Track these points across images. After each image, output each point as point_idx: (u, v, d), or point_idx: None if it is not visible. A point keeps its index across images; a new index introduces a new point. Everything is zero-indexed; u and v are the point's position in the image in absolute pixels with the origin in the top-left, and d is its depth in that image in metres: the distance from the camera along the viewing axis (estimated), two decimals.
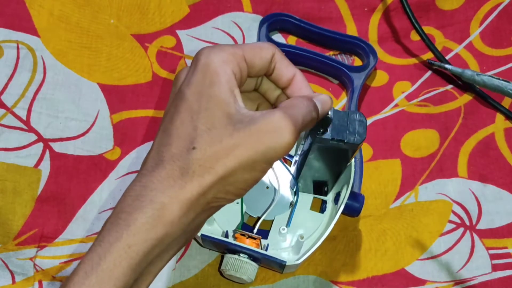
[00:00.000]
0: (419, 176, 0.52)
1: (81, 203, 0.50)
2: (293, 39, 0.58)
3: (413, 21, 0.55)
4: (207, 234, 0.44)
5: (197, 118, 0.32)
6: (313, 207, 0.49)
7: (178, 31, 0.58)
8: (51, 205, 0.50)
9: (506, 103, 0.55)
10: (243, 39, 0.58)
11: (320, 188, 0.48)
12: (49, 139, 0.52)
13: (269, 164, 0.33)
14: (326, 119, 0.37)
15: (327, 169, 0.44)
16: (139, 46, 0.57)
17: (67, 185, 0.51)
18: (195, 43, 0.57)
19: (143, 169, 0.33)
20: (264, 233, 0.48)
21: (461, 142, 0.54)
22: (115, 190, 0.51)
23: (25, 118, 0.53)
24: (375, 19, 0.59)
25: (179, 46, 0.57)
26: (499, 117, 0.55)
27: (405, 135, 0.54)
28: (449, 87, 0.56)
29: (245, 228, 0.47)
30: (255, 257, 0.44)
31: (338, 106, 0.55)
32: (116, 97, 0.54)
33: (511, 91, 0.43)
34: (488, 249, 0.49)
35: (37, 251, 0.48)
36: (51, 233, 0.49)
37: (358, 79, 0.54)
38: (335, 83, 0.57)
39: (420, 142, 0.54)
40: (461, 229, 0.50)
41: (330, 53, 0.58)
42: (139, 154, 0.52)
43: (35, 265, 0.48)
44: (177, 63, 0.56)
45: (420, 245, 0.49)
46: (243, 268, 0.44)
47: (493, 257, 0.49)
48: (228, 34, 0.58)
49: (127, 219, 0.31)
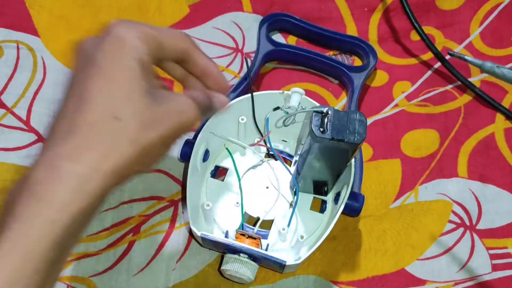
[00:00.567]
0: (419, 176, 0.52)
1: None
2: (293, 39, 0.58)
3: (413, 21, 0.55)
4: (207, 234, 0.44)
5: (114, 87, 0.32)
6: (313, 207, 0.49)
7: None
8: None
9: (506, 103, 0.55)
10: (243, 39, 0.58)
11: (320, 188, 0.48)
12: None
13: (177, 138, 0.35)
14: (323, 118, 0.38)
15: (327, 169, 0.44)
16: None
17: None
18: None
19: (53, 137, 0.32)
20: (264, 233, 0.48)
21: (461, 142, 0.54)
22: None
23: (25, 118, 0.53)
24: (375, 19, 0.59)
25: None
26: (499, 117, 0.55)
27: (405, 135, 0.54)
28: (449, 87, 0.56)
29: (245, 228, 0.48)
30: (255, 257, 0.44)
31: (338, 106, 0.55)
32: None
33: None
34: (488, 249, 0.49)
35: None
36: None
37: (358, 79, 0.54)
38: (335, 83, 0.57)
39: (420, 142, 0.54)
40: (461, 229, 0.50)
41: (330, 53, 0.58)
42: None
43: None
44: None
45: (420, 245, 0.50)
46: (243, 268, 0.44)
47: (493, 257, 0.49)
48: (228, 34, 0.58)
49: (46, 192, 0.29)
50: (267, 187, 0.50)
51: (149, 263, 0.48)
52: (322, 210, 0.49)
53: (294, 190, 0.49)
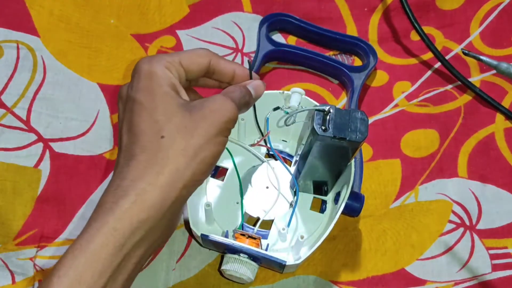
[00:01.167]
0: (419, 176, 0.52)
1: (81, 203, 0.50)
2: (293, 39, 0.58)
3: (413, 21, 0.55)
4: (207, 234, 0.44)
5: (155, 113, 0.36)
6: (313, 207, 0.49)
7: (178, 31, 0.58)
8: (51, 205, 0.50)
9: (506, 103, 0.55)
10: (243, 39, 0.58)
11: (320, 188, 0.48)
12: (49, 139, 0.52)
13: (225, 136, 0.38)
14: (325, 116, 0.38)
15: (327, 169, 0.44)
16: (139, 46, 0.57)
17: (67, 185, 0.51)
18: (195, 43, 0.57)
19: (117, 168, 0.37)
20: (264, 233, 0.48)
21: (461, 142, 0.54)
22: None
23: (25, 118, 0.53)
24: (375, 19, 0.59)
25: (179, 46, 0.57)
26: (499, 117, 0.55)
27: (405, 135, 0.54)
28: (449, 87, 0.56)
29: (245, 228, 0.48)
30: (255, 257, 0.44)
31: (338, 106, 0.55)
32: (116, 97, 0.54)
33: None
34: (488, 249, 0.49)
35: (37, 251, 0.48)
36: (51, 233, 0.49)
37: (358, 79, 0.54)
38: (335, 83, 0.57)
39: (420, 142, 0.54)
40: (461, 229, 0.50)
41: (330, 53, 0.58)
42: None
43: (35, 265, 0.48)
44: None
45: (420, 245, 0.50)
46: (243, 268, 0.44)
47: (493, 257, 0.49)
48: (228, 34, 0.58)
49: (112, 207, 0.34)
50: (267, 187, 0.50)
51: (149, 263, 0.48)
52: (322, 210, 0.49)
53: (294, 190, 0.49)
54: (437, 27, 0.59)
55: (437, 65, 0.57)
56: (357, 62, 0.57)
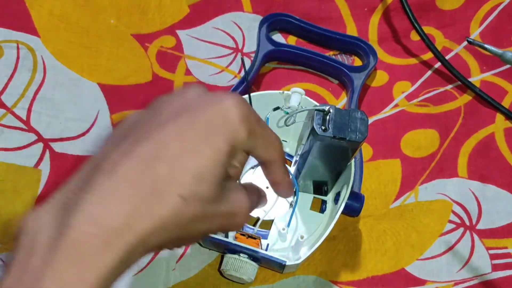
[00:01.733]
0: (419, 176, 0.52)
1: None
2: (293, 39, 0.58)
3: (413, 21, 0.55)
4: None
5: (194, 160, 0.29)
6: (313, 207, 0.49)
7: (178, 31, 0.58)
8: None
9: (506, 103, 0.55)
10: (243, 39, 0.58)
11: (320, 188, 0.48)
12: (49, 139, 0.52)
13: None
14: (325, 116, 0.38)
15: (327, 169, 0.44)
16: (139, 46, 0.57)
17: None
18: (195, 43, 0.57)
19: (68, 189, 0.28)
20: (264, 233, 0.48)
21: (461, 142, 0.54)
22: None
23: (25, 118, 0.53)
24: (375, 19, 0.59)
25: (179, 46, 0.57)
26: (499, 117, 0.55)
27: (405, 135, 0.54)
28: (449, 87, 0.56)
29: (245, 228, 0.48)
30: (255, 257, 0.44)
31: (338, 106, 0.55)
32: (116, 97, 0.54)
33: None
34: (488, 249, 0.49)
35: None
36: None
37: (358, 79, 0.54)
38: (335, 83, 0.57)
39: (420, 142, 0.54)
40: (461, 229, 0.50)
41: (330, 53, 0.58)
42: None
43: None
44: (177, 63, 0.56)
45: (420, 245, 0.49)
46: (243, 268, 0.44)
47: (493, 257, 0.49)
48: (228, 34, 0.58)
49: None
50: (267, 187, 0.49)
51: (149, 263, 0.48)
52: (322, 210, 0.49)
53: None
54: (437, 27, 0.59)
55: (437, 65, 0.57)
56: (357, 62, 0.57)
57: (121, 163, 0.28)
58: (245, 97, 0.48)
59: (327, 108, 0.38)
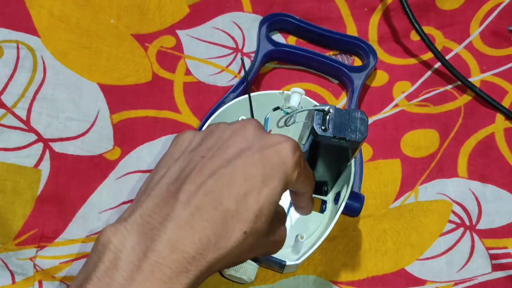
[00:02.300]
0: (419, 176, 0.52)
1: (81, 203, 0.50)
2: (293, 39, 0.58)
3: (413, 21, 0.55)
4: None
5: (256, 199, 0.33)
6: None
7: (178, 31, 0.58)
8: (51, 205, 0.50)
9: (506, 103, 0.55)
10: (243, 39, 0.58)
11: (320, 188, 0.48)
12: (49, 139, 0.52)
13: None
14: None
15: (327, 169, 0.44)
16: (139, 46, 0.57)
17: (67, 185, 0.51)
18: (195, 43, 0.57)
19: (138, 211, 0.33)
20: None
21: (461, 142, 0.54)
22: (115, 190, 0.51)
23: (25, 118, 0.53)
24: (375, 19, 0.59)
25: (179, 46, 0.57)
26: (499, 117, 0.55)
27: (405, 135, 0.54)
28: (449, 87, 0.56)
29: None
30: (255, 257, 0.44)
31: (338, 106, 0.55)
32: (116, 97, 0.54)
33: None
34: (488, 249, 0.49)
35: (37, 251, 0.48)
36: (51, 233, 0.49)
37: (358, 79, 0.54)
38: (335, 83, 0.57)
39: (420, 142, 0.54)
40: (461, 229, 0.50)
41: (330, 53, 0.58)
42: (139, 154, 0.52)
43: (35, 265, 0.48)
44: (177, 63, 0.56)
45: (420, 245, 0.49)
46: (243, 268, 0.44)
47: (493, 257, 0.49)
48: (228, 34, 0.58)
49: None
50: None
51: None
52: (322, 210, 0.49)
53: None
54: (437, 27, 0.59)
55: (437, 65, 0.57)
56: (357, 62, 0.57)
57: (195, 195, 0.32)
58: (245, 97, 0.48)
59: (327, 108, 0.38)
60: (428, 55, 0.57)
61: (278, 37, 0.58)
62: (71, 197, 0.50)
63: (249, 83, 0.53)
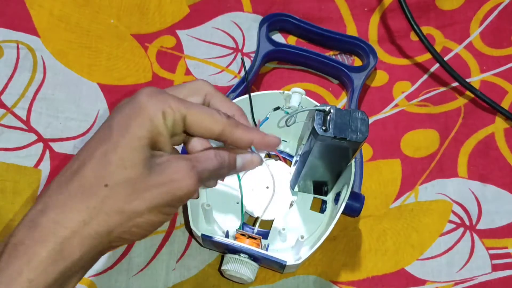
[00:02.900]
0: (419, 176, 0.52)
1: None
2: (293, 39, 0.58)
3: (412, 22, 0.55)
4: (207, 234, 0.44)
5: (114, 152, 0.32)
6: (313, 207, 0.49)
7: (178, 31, 0.58)
8: None
9: (506, 103, 0.55)
10: (243, 39, 0.58)
11: (320, 188, 0.48)
12: (49, 139, 0.52)
13: (174, 207, 0.34)
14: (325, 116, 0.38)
15: (327, 169, 0.44)
16: (139, 46, 0.57)
17: None
18: (195, 43, 0.57)
19: (46, 194, 0.32)
20: (264, 233, 0.48)
21: (461, 142, 0.54)
22: None
23: (25, 118, 0.53)
24: (375, 19, 0.59)
25: (179, 46, 0.57)
26: (499, 117, 0.55)
27: (405, 135, 0.54)
28: (449, 87, 0.56)
29: (245, 228, 0.48)
30: (255, 257, 0.44)
31: (338, 106, 0.55)
32: (116, 97, 0.54)
33: None
34: (488, 249, 0.49)
35: None
36: None
37: (358, 79, 0.54)
38: (335, 83, 0.57)
39: (420, 142, 0.54)
40: (461, 229, 0.50)
41: (330, 53, 0.58)
42: None
43: None
44: (177, 63, 0.56)
45: (420, 245, 0.50)
46: (243, 268, 0.44)
47: (493, 257, 0.49)
48: (228, 34, 0.58)
49: (27, 252, 0.30)
50: (267, 187, 0.50)
51: (149, 263, 0.48)
52: (322, 210, 0.49)
53: (294, 190, 0.49)
54: (437, 27, 0.59)
55: (437, 65, 0.57)
56: (357, 62, 0.57)
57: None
58: (245, 97, 0.48)
59: (327, 108, 0.38)
60: (428, 55, 0.57)
61: (278, 37, 0.58)
62: None
63: (249, 83, 0.53)
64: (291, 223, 0.48)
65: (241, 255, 0.44)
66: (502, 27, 0.58)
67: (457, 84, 0.56)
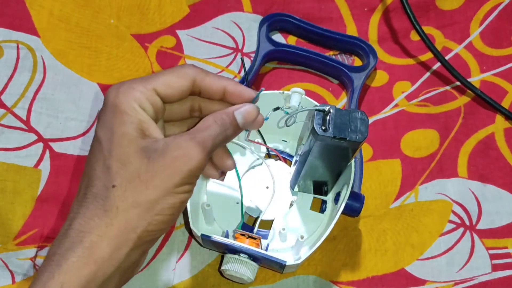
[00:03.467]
0: (419, 176, 0.52)
1: None
2: (293, 39, 0.58)
3: (413, 21, 0.55)
4: (207, 234, 0.44)
5: (109, 157, 0.33)
6: (313, 207, 0.49)
7: (178, 31, 0.58)
8: (51, 205, 0.50)
9: (506, 103, 0.55)
10: (243, 39, 0.58)
11: (320, 188, 0.48)
12: (49, 139, 0.52)
13: (190, 184, 0.34)
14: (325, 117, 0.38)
15: (327, 169, 0.44)
16: (139, 46, 0.57)
17: (67, 185, 0.51)
18: (195, 43, 0.57)
19: (71, 211, 0.34)
20: (264, 233, 0.48)
21: (461, 142, 0.54)
22: None
23: (25, 118, 0.53)
24: (375, 19, 0.59)
25: (179, 46, 0.57)
26: (499, 117, 0.55)
27: (405, 135, 0.54)
28: (449, 87, 0.56)
29: (245, 228, 0.48)
30: (255, 257, 0.44)
31: (338, 106, 0.55)
32: None
33: None
34: (488, 249, 0.49)
35: (37, 251, 0.48)
36: (51, 233, 0.49)
37: (358, 79, 0.54)
38: (335, 83, 0.57)
39: (420, 142, 0.54)
40: (461, 229, 0.50)
41: (330, 53, 0.58)
42: None
43: (35, 265, 0.48)
44: (177, 63, 0.56)
45: (420, 245, 0.50)
46: (243, 268, 0.44)
47: (493, 257, 0.49)
48: (228, 34, 0.58)
49: (59, 260, 0.32)
50: (267, 187, 0.50)
51: (149, 263, 0.48)
52: (322, 210, 0.49)
53: (294, 190, 0.49)
54: (437, 27, 0.59)
55: (437, 65, 0.57)
56: (357, 62, 0.57)
57: None
58: None
59: (327, 108, 0.38)
60: (428, 55, 0.57)
61: (278, 37, 0.58)
62: (71, 197, 0.50)
63: (249, 83, 0.53)
64: (291, 223, 0.48)
65: (241, 255, 0.44)
66: (502, 27, 0.58)
67: (457, 84, 0.56)
